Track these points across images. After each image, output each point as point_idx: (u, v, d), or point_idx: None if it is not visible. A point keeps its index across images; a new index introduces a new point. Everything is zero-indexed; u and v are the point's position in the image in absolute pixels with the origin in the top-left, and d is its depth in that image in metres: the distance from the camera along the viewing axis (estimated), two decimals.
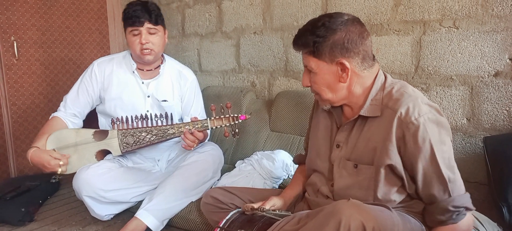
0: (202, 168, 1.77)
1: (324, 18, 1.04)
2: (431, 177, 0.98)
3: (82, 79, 1.86)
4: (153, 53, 1.77)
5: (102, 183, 1.66)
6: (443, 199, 0.98)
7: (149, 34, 1.74)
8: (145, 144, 1.67)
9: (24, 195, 1.99)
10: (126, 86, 1.84)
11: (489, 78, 1.54)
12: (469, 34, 1.55)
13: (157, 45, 1.78)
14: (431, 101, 1.05)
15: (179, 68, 1.97)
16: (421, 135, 0.96)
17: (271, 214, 1.14)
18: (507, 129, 1.52)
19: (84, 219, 1.87)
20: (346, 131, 1.12)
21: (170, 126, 1.65)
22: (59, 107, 1.86)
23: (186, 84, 1.95)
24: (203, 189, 1.78)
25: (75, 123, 1.84)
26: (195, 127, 1.63)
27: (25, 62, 2.32)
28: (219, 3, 2.37)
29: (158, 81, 1.87)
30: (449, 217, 0.98)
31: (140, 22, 1.71)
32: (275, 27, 2.15)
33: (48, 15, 2.38)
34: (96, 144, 1.71)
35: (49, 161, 1.62)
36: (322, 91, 1.09)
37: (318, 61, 1.05)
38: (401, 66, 1.75)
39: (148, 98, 1.85)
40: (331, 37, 1.02)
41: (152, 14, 1.73)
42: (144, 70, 1.86)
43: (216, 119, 1.62)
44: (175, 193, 1.68)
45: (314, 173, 1.24)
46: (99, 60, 1.89)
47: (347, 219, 0.85)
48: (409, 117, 0.97)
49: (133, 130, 1.67)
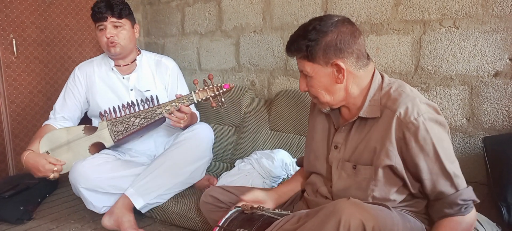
0: (189, 145, 1.78)
1: (314, 22, 1.05)
2: (437, 175, 0.98)
3: (66, 85, 1.92)
4: (119, 46, 1.80)
5: (98, 172, 1.67)
6: (451, 194, 0.98)
7: (114, 28, 1.78)
8: (136, 128, 1.68)
9: (22, 193, 1.98)
10: (109, 84, 1.89)
11: (489, 78, 1.54)
12: (469, 34, 1.55)
13: (123, 39, 1.81)
14: (429, 100, 1.05)
15: (156, 58, 2.02)
16: (422, 134, 0.96)
17: (271, 213, 1.14)
18: (507, 129, 1.52)
19: (82, 217, 1.87)
20: (344, 132, 1.12)
21: (157, 106, 1.68)
22: (49, 116, 1.90)
23: (167, 72, 1.98)
24: (192, 169, 1.78)
25: (64, 126, 1.85)
26: (181, 102, 1.66)
27: (24, 60, 2.31)
28: (219, 1, 2.37)
29: (137, 73, 1.91)
30: (458, 210, 0.98)
31: (104, 17, 1.76)
32: (275, 26, 2.15)
33: (47, 13, 2.37)
34: (88, 138, 1.72)
35: (44, 165, 1.63)
36: (320, 94, 1.09)
37: (313, 64, 1.05)
38: (401, 65, 1.75)
39: (131, 91, 1.89)
40: (323, 39, 1.02)
41: (115, 8, 1.77)
42: (121, 66, 1.91)
43: (201, 91, 1.65)
44: (163, 173, 1.71)
45: (312, 174, 1.24)
46: (80, 64, 1.96)
47: (347, 218, 0.85)
48: (408, 116, 0.97)
49: (122, 117, 1.70)
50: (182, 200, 1.76)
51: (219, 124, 2.28)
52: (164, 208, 1.76)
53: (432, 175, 0.98)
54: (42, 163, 1.63)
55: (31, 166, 1.65)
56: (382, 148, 1.01)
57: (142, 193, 1.70)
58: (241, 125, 2.19)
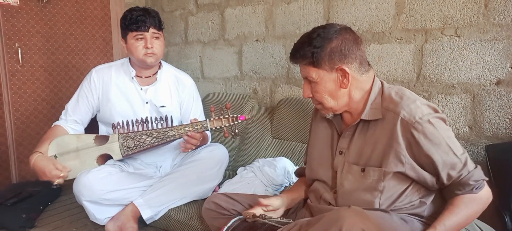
0: (205, 166, 1.79)
1: (318, 30, 1.09)
2: (451, 163, 1.02)
3: (81, 87, 1.89)
4: (156, 57, 1.81)
5: (102, 185, 1.66)
6: (464, 176, 1.02)
7: (153, 38, 1.78)
8: (146, 146, 1.67)
9: (25, 201, 1.99)
10: (125, 93, 1.86)
11: (491, 86, 1.54)
12: (471, 42, 1.56)
13: (160, 50, 1.83)
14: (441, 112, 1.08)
15: (176, 74, 1.99)
16: (431, 131, 1.01)
17: (273, 221, 1.14)
18: (509, 137, 1.51)
19: (85, 226, 1.86)
20: (348, 137, 1.14)
21: (170, 128, 1.66)
22: (60, 115, 1.88)
23: (184, 90, 1.96)
24: (204, 189, 1.79)
25: (76, 130, 1.85)
26: (194, 128, 1.64)
27: (29, 69, 2.34)
28: (222, 11, 2.39)
29: (156, 87, 1.89)
30: (470, 189, 1.02)
31: (146, 27, 1.75)
32: (277, 35, 2.17)
33: (52, 22, 2.40)
34: (97, 148, 1.71)
35: (51, 171, 1.62)
36: (324, 99, 1.12)
37: (318, 70, 1.08)
38: (403, 74, 1.75)
39: (146, 104, 1.87)
40: (328, 45, 1.06)
41: (156, 19, 1.78)
42: (142, 77, 1.89)
43: (216, 120, 1.63)
44: (175, 188, 1.72)
45: (315, 182, 1.25)
46: (98, 67, 1.91)
47: (349, 227, 0.85)
48: (413, 117, 1.01)
49: (134, 133, 1.68)
50: (184, 208, 1.76)
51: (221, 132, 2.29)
52: (166, 216, 1.75)
53: (446, 163, 1.02)
54: (49, 168, 1.62)
55: (38, 169, 1.64)
56: (390, 150, 1.04)
57: (150, 205, 1.70)
58: (243, 133, 2.19)
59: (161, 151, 1.93)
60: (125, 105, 1.85)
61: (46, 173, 1.62)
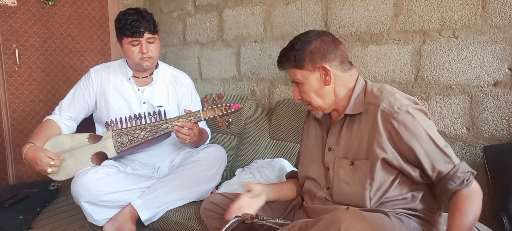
0: (203, 167, 1.79)
1: (299, 36, 1.20)
2: (433, 153, 1.04)
3: (78, 85, 1.89)
4: (152, 60, 1.81)
5: (100, 186, 1.65)
6: (450, 170, 1.04)
7: (148, 43, 1.77)
8: (140, 141, 1.67)
9: (22, 202, 1.98)
10: (123, 93, 1.87)
11: (489, 88, 1.54)
12: (469, 44, 1.56)
13: (156, 53, 1.82)
14: (422, 105, 1.11)
15: (173, 73, 1.99)
16: (410, 120, 1.04)
17: (271, 222, 1.14)
18: (507, 139, 1.52)
19: (82, 227, 1.86)
20: (335, 133, 1.20)
21: (163, 121, 1.67)
22: (53, 111, 1.87)
23: (181, 89, 1.97)
24: (202, 190, 1.79)
25: (69, 126, 1.84)
26: (187, 119, 1.65)
27: (26, 70, 2.33)
28: (220, 12, 2.39)
29: (152, 88, 1.90)
30: (461, 183, 1.03)
31: (140, 33, 1.73)
32: (275, 36, 2.17)
33: (49, 23, 2.40)
34: (91, 147, 1.72)
35: (41, 158, 1.61)
36: (312, 99, 1.19)
37: (302, 71, 1.17)
38: (400, 75, 1.75)
39: (144, 104, 1.87)
40: (308, 47, 1.15)
41: (150, 23, 1.76)
42: (139, 77, 1.89)
43: (209, 109, 1.64)
44: (173, 190, 1.72)
45: (307, 180, 1.29)
46: (96, 67, 1.92)
47: (346, 228, 0.85)
48: (392, 107, 1.06)
49: (127, 129, 1.69)
50: (182, 209, 1.76)
51: (219, 133, 2.29)
52: (164, 217, 1.75)
53: (429, 154, 1.04)
54: (39, 156, 1.61)
55: (30, 159, 1.63)
56: (373, 141, 1.09)
57: (149, 206, 1.70)
58: (241, 134, 2.19)
59: (158, 152, 1.93)
60: (122, 106, 1.86)
61: (37, 161, 1.61)
